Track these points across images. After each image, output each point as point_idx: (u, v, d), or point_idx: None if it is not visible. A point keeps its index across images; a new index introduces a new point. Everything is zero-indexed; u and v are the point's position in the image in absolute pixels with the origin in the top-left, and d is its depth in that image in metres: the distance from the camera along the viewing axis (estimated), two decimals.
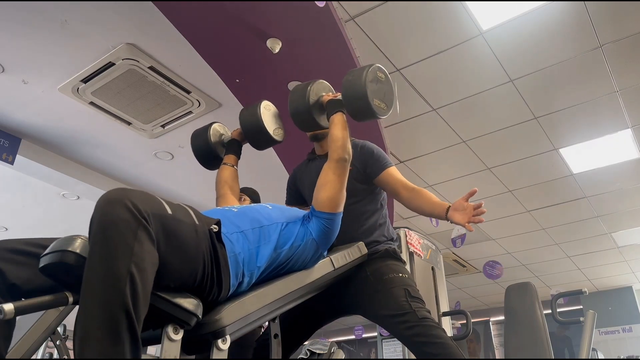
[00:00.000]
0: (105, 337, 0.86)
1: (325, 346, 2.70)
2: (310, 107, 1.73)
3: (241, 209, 1.46)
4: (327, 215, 1.50)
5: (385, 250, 1.82)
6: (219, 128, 2.16)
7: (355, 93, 1.62)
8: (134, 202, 0.96)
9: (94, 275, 0.90)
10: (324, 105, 1.74)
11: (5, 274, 1.09)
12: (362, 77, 1.62)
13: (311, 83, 1.77)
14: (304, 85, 1.78)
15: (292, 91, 1.80)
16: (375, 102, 1.62)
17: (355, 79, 1.64)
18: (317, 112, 1.76)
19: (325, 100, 1.74)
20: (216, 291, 1.16)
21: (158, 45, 3.24)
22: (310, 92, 1.74)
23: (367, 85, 1.60)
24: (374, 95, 1.62)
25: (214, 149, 2.07)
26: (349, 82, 1.65)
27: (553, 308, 3.32)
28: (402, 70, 3.59)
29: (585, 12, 3.12)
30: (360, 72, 1.64)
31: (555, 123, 4.19)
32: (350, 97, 1.64)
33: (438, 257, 4.53)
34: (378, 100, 1.63)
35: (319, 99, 1.76)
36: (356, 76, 1.64)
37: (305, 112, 1.74)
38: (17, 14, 2.96)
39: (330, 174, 1.56)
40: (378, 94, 1.64)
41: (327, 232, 1.50)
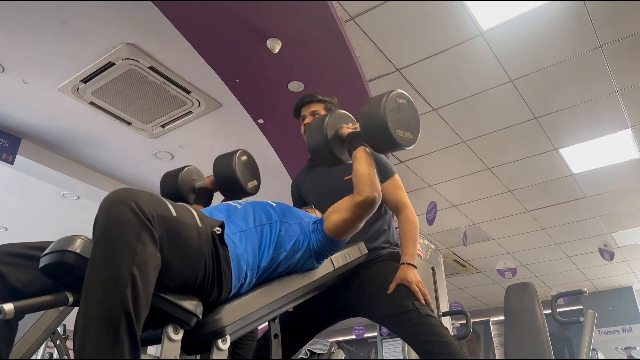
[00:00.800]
0: (105, 338, 0.86)
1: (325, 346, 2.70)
2: (329, 142, 1.57)
3: (245, 205, 1.46)
4: (328, 239, 1.45)
5: (388, 253, 1.83)
6: (192, 172, 2.05)
7: (374, 126, 1.45)
8: (139, 203, 0.96)
9: (95, 276, 0.90)
10: (344, 139, 1.59)
11: (5, 277, 1.09)
12: (381, 107, 1.43)
13: (327, 116, 1.62)
14: (320, 120, 1.62)
15: (309, 127, 1.66)
16: (398, 133, 1.44)
17: (373, 110, 1.45)
18: (337, 147, 1.60)
19: (345, 134, 1.58)
20: (217, 292, 1.15)
21: (158, 45, 3.24)
22: (327, 126, 1.58)
23: (387, 115, 1.42)
24: (396, 126, 1.44)
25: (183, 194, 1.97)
26: (367, 115, 1.47)
27: (553, 308, 3.32)
28: (402, 70, 3.59)
29: (585, 12, 3.12)
30: (379, 101, 1.46)
31: (555, 123, 4.19)
32: (370, 131, 1.47)
33: (438, 257, 4.53)
34: (402, 131, 1.46)
35: (337, 132, 1.60)
36: (374, 106, 1.46)
37: (325, 149, 1.58)
38: (17, 14, 2.96)
39: (350, 206, 1.45)
40: (401, 123, 1.46)
41: (326, 251, 1.48)
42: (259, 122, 3.80)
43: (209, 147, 4.38)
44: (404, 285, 1.68)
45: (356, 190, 1.46)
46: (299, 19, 2.94)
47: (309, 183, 2.01)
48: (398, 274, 1.68)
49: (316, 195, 1.96)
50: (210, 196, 1.97)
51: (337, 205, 1.49)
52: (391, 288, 1.66)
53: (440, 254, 4.68)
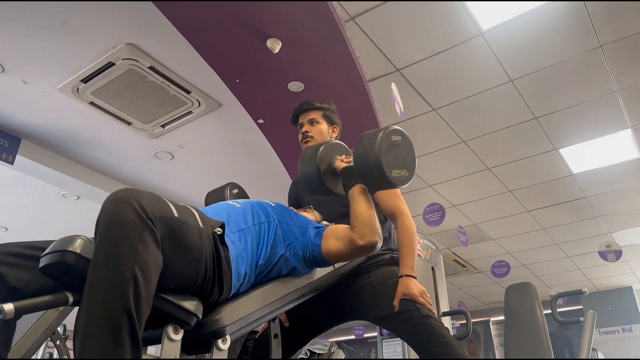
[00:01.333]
0: (106, 338, 0.86)
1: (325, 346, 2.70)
2: (322, 175, 1.54)
3: (244, 204, 1.46)
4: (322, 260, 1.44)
5: (390, 257, 1.82)
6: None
7: (369, 168, 1.41)
8: (141, 203, 0.96)
9: (98, 276, 0.91)
10: (337, 172, 1.56)
11: (5, 277, 1.09)
12: (375, 148, 1.39)
13: (319, 148, 1.57)
14: (313, 151, 1.58)
15: (301, 158, 1.62)
16: (394, 174, 1.40)
17: (367, 152, 1.40)
18: (330, 180, 1.57)
19: (339, 168, 1.55)
20: (217, 293, 1.16)
21: (158, 45, 3.24)
22: (320, 159, 1.54)
23: (381, 157, 1.38)
24: (391, 167, 1.40)
25: None
26: (361, 156, 1.42)
27: (553, 308, 3.32)
28: (402, 70, 3.59)
29: (585, 12, 3.12)
30: (373, 141, 1.40)
31: (555, 123, 4.19)
32: (365, 173, 1.43)
33: (438, 257, 4.53)
34: (397, 170, 1.42)
35: (330, 165, 1.57)
36: (368, 147, 1.40)
37: (317, 182, 1.55)
38: (17, 14, 2.96)
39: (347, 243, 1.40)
40: (396, 162, 1.42)
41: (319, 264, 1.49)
42: (259, 122, 3.80)
43: (209, 147, 4.38)
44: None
45: (356, 231, 1.40)
46: (299, 19, 2.94)
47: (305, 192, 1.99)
48: (400, 288, 1.65)
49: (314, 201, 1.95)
50: None
51: (337, 232, 1.44)
52: (395, 305, 1.63)
53: (440, 254, 4.68)
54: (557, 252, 6.89)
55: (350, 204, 1.47)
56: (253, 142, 4.12)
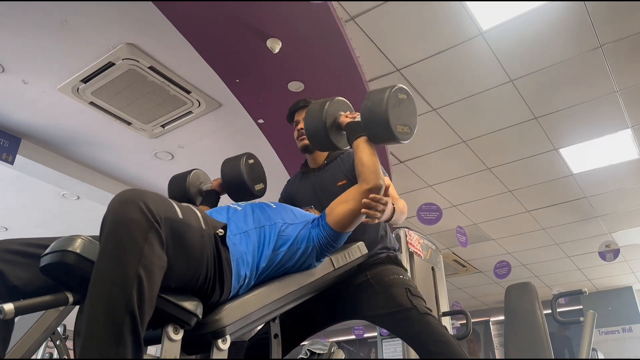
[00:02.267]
0: (108, 338, 0.86)
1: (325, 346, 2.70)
2: (328, 129, 1.61)
3: (245, 206, 1.46)
4: (332, 233, 1.46)
5: (386, 256, 1.82)
6: (200, 175, 2.10)
7: (376, 121, 1.48)
8: (147, 204, 0.96)
9: (102, 275, 0.91)
10: (342, 127, 1.63)
11: (5, 275, 1.09)
12: (383, 103, 1.47)
13: (326, 103, 1.65)
14: (320, 106, 1.66)
15: (307, 111, 1.69)
16: (398, 129, 1.48)
17: (375, 106, 1.48)
18: (335, 133, 1.64)
19: (344, 123, 1.62)
20: (218, 293, 1.16)
21: (158, 45, 3.24)
22: (326, 113, 1.62)
23: (389, 112, 1.46)
24: (396, 122, 1.48)
25: (191, 196, 2.01)
26: (369, 109, 1.50)
27: (553, 308, 3.32)
28: (402, 70, 3.59)
29: (585, 12, 3.12)
30: (381, 96, 1.49)
31: (555, 123, 4.19)
32: (372, 125, 1.51)
33: (438, 257, 4.53)
34: (401, 126, 1.50)
35: (335, 120, 1.64)
36: (376, 102, 1.49)
37: (323, 136, 1.62)
38: (17, 14, 2.96)
39: (357, 195, 1.46)
40: (401, 118, 1.50)
41: (329, 245, 1.48)
42: (259, 122, 3.80)
43: (209, 147, 4.38)
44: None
45: (362, 178, 1.49)
46: (299, 19, 2.94)
47: (302, 189, 1.99)
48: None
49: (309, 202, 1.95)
50: (217, 198, 2.00)
51: (342, 197, 1.50)
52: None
53: (440, 254, 4.68)
54: (557, 252, 6.89)
55: (355, 154, 1.55)
56: (253, 142, 4.11)
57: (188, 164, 4.61)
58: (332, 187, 1.86)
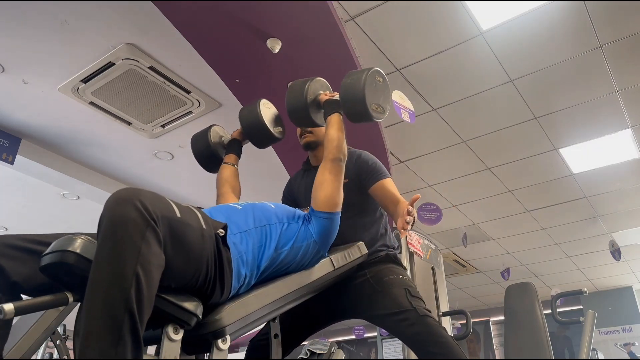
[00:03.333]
0: (107, 337, 0.86)
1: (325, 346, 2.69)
2: (308, 104, 1.75)
3: (245, 206, 1.46)
4: (326, 215, 1.50)
5: (385, 255, 1.82)
6: (218, 130, 2.14)
7: (353, 97, 1.63)
8: (144, 202, 0.96)
9: (100, 275, 0.90)
10: (321, 104, 1.77)
11: (6, 271, 1.09)
12: (361, 81, 1.63)
13: (309, 81, 1.78)
14: (302, 83, 1.79)
15: (290, 88, 1.81)
16: (372, 107, 1.63)
17: (354, 83, 1.64)
18: (314, 110, 1.78)
19: (323, 100, 1.76)
20: (218, 293, 1.16)
21: (158, 45, 3.24)
22: (307, 90, 1.75)
23: (365, 89, 1.61)
24: (372, 100, 1.63)
25: (215, 151, 2.05)
26: (348, 85, 1.66)
27: (553, 308, 3.32)
28: (402, 70, 3.59)
29: (585, 12, 3.12)
30: (360, 75, 1.65)
31: (555, 123, 4.19)
32: (348, 101, 1.65)
33: (438, 257, 4.53)
34: (375, 105, 1.65)
35: (316, 97, 1.78)
36: (355, 80, 1.65)
37: (302, 110, 1.75)
38: (17, 14, 2.96)
39: (326, 174, 1.57)
40: (376, 97, 1.66)
41: (327, 232, 1.50)
42: None
43: None
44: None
45: (325, 153, 1.62)
46: (299, 19, 2.94)
47: (304, 187, 1.99)
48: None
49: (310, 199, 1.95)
50: (240, 147, 2.04)
51: (317, 184, 1.58)
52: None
53: (440, 254, 4.68)
54: (557, 252, 6.89)
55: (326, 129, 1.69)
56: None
57: (188, 164, 4.61)
58: None
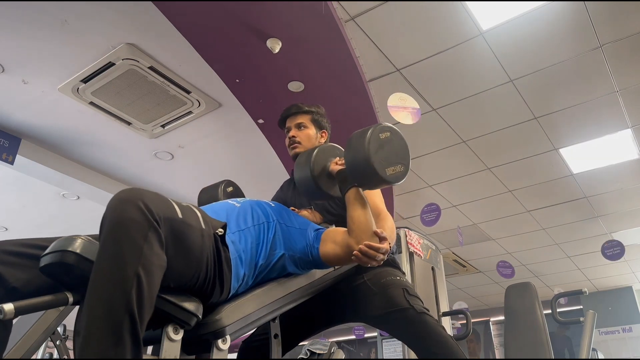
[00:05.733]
0: (107, 338, 0.86)
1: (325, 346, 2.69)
2: (317, 178, 1.52)
3: (243, 203, 1.46)
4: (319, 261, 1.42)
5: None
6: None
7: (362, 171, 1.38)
8: (147, 203, 0.96)
9: (101, 275, 0.90)
10: (333, 175, 1.53)
11: (4, 277, 1.08)
12: (365, 151, 1.36)
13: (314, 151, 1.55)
14: (307, 155, 1.56)
15: (296, 163, 1.61)
16: (389, 172, 1.38)
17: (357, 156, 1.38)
18: (326, 183, 1.54)
19: (335, 171, 1.52)
20: (218, 293, 1.16)
21: (158, 45, 3.24)
22: (314, 163, 1.52)
23: (372, 157, 1.35)
24: (384, 165, 1.38)
25: None
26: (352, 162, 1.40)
27: (553, 308, 3.32)
28: (402, 70, 3.59)
29: (585, 12, 3.12)
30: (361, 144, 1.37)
31: (555, 123, 4.19)
32: (360, 177, 1.41)
33: (438, 257, 4.53)
34: (392, 167, 1.40)
35: (325, 168, 1.55)
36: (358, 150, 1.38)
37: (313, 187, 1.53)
38: (17, 14, 2.96)
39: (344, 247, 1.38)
40: (389, 159, 1.40)
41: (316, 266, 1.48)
42: (259, 122, 3.80)
43: (209, 147, 4.38)
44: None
45: (353, 236, 1.37)
46: (299, 19, 2.94)
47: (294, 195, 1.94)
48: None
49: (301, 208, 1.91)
50: None
51: (334, 236, 1.42)
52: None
53: (440, 254, 4.68)
54: (557, 252, 6.89)
55: (347, 207, 1.44)
56: (253, 142, 4.11)
57: (188, 164, 4.62)
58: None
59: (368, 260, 1.30)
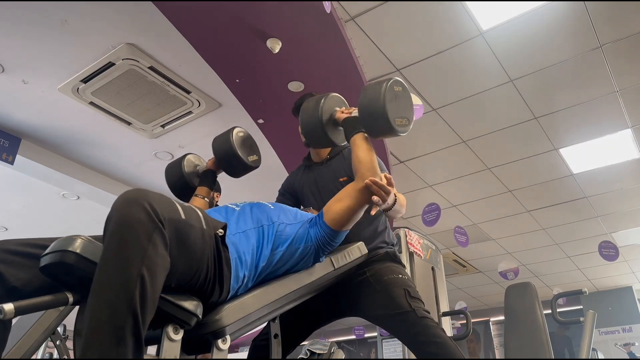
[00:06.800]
0: (110, 338, 0.86)
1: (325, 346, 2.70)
2: (324, 124, 1.61)
3: (243, 206, 1.46)
4: (330, 231, 1.45)
5: (385, 253, 1.82)
6: (193, 159, 2.09)
7: (375, 116, 1.48)
8: (152, 204, 0.96)
9: (105, 275, 0.90)
10: (339, 123, 1.64)
11: (4, 276, 1.09)
12: (381, 97, 1.46)
13: (322, 99, 1.65)
14: (315, 102, 1.66)
15: (303, 108, 1.69)
16: (397, 122, 1.48)
17: (373, 101, 1.48)
18: (332, 130, 1.65)
19: (341, 118, 1.63)
20: (217, 293, 1.16)
21: (158, 45, 3.24)
22: (322, 109, 1.62)
23: (387, 106, 1.46)
24: (395, 115, 1.48)
25: (189, 181, 1.98)
26: (367, 105, 1.50)
27: (553, 308, 3.32)
28: (402, 70, 3.59)
29: (585, 12, 3.12)
30: (378, 90, 1.48)
31: (555, 123, 4.19)
32: (370, 121, 1.51)
33: (438, 257, 4.53)
34: (399, 119, 1.50)
35: (332, 116, 1.65)
36: (374, 97, 1.49)
37: (319, 131, 1.62)
38: (17, 14, 2.96)
39: (352, 193, 1.47)
40: (398, 111, 1.50)
41: (327, 244, 1.47)
42: (259, 122, 3.80)
43: (209, 147, 4.37)
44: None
45: (359, 175, 1.49)
46: (299, 19, 2.94)
47: (304, 182, 2.00)
48: None
49: (311, 197, 1.95)
50: (214, 177, 1.97)
51: (339, 195, 1.50)
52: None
53: (440, 254, 4.68)
54: (557, 252, 6.89)
55: (352, 150, 1.56)
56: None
57: None
58: (334, 182, 1.86)
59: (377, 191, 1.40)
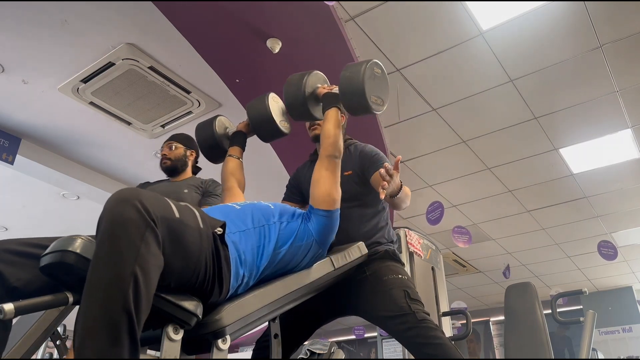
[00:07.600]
0: (104, 338, 0.86)
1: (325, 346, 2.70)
2: (306, 98, 1.75)
3: (243, 206, 1.47)
4: (325, 212, 1.49)
5: (384, 251, 1.82)
6: (224, 121, 2.08)
7: (353, 90, 1.63)
8: (144, 203, 0.96)
9: (98, 275, 0.90)
10: (320, 98, 1.77)
11: (5, 276, 1.09)
12: (360, 73, 1.62)
13: (307, 74, 1.79)
14: (300, 76, 1.79)
15: (288, 82, 1.81)
16: (372, 99, 1.64)
17: (353, 76, 1.64)
18: (313, 104, 1.78)
19: (321, 93, 1.77)
20: (217, 292, 1.16)
21: (158, 45, 3.24)
22: (306, 84, 1.76)
23: (365, 82, 1.61)
24: (371, 92, 1.63)
25: (219, 141, 2.00)
26: (347, 79, 1.65)
27: (553, 308, 3.32)
28: (402, 70, 3.59)
29: (585, 12, 3.12)
30: (358, 68, 1.64)
31: (555, 123, 4.19)
32: (348, 94, 1.65)
33: (438, 257, 4.53)
34: (375, 97, 1.65)
35: (314, 91, 1.79)
36: (354, 73, 1.64)
37: (301, 103, 1.76)
38: (18, 14, 2.96)
39: (322, 171, 1.57)
40: (375, 90, 1.66)
41: (327, 230, 1.50)
42: None
43: None
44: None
45: (321, 150, 1.61)
46: (299, 19, 2.94)
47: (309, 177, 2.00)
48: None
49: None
50: (244, 139, 1.99)
51: (313, 179, 1.58)
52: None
53: (440, 254, 4.68)
54: (557, 252, 6.89)
55: (323, 124, 1.67)
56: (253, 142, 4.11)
57: None
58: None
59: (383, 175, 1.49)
